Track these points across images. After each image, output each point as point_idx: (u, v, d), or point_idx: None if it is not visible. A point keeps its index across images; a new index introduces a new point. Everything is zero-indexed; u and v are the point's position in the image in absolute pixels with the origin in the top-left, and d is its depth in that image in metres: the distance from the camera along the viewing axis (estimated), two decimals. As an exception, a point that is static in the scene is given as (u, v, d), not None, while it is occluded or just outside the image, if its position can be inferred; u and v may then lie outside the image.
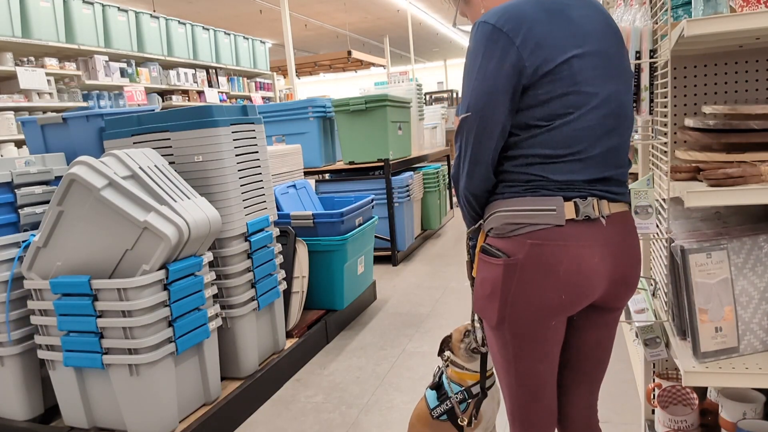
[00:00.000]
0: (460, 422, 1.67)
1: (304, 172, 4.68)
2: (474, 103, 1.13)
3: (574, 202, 1.12)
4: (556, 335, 1.19)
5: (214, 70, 7.94)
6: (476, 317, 1.66)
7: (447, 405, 1.70)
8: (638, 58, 1.53)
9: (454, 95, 12.96)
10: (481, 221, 1.24)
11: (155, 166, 2.14)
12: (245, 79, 8.77)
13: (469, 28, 1.22)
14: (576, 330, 1.28)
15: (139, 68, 6.60)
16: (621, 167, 1.19)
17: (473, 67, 1.13)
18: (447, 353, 1.75)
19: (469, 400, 1.66)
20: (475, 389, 1.66)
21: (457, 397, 1.68)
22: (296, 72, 10.71)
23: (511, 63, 1.08)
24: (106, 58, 6.06)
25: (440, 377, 1.76)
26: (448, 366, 1.74)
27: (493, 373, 1.67)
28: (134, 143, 2.42)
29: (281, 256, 2.80)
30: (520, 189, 1.15)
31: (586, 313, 1.26)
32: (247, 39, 8.66)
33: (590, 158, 1.13)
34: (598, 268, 1.14)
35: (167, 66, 7.20)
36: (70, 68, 5.71)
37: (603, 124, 1.13)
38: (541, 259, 1.12)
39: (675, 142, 1.73)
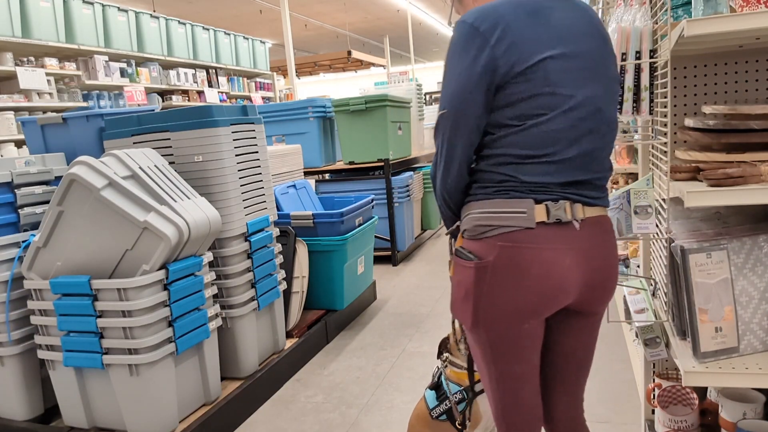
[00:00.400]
0: (458, 425, 1.67)
1: (304, 172, 4.68)
2: (449, 101, 1.15)
3: (545, 205, 1.12)
4: (533, 338, 1.19)
5: (214, 70, 7.94)
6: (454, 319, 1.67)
7: (446, 405, 1.70)
8: (638, 58, 1.53)
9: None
10: (458, 222, 1.25)
11: (155, 166, 2.14)
12: (245, 79, 8.78)
13: None
14: (555, 333, 1.29)
15: (139, 68, 6.60)
16: (599, 171, 1.18)
17: (451, 65, 1.15)
18: (445, 354, 1.75)
19: (468, 400, 1.66)
20: (474, 388, 1.66)
21: (455, 397, 1.68)
22: (296, 72, 10.71)
23: (485, 62, 1.09)
24: (106, 58, 6.07)
25: (439, 377, 1.76)
26: (446, 366, 1.74)
27: None
28: (134, 143, 2.42)
29: (281, 256, 2.80)
30: (492, 190, 1.15)
31: (564, 317, 1.26)
32: (247, 39, 8.66)
33: (565, 161, 1.12)
34: (570, 272, 1.14)
35: (167, 66, 7.20)
36: (70, 68, 5.72)
37: (579, 127, 1.12)
38: (512, 262, 1.12)
39: (675, 142, 1.73)
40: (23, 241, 2.18)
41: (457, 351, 1.71)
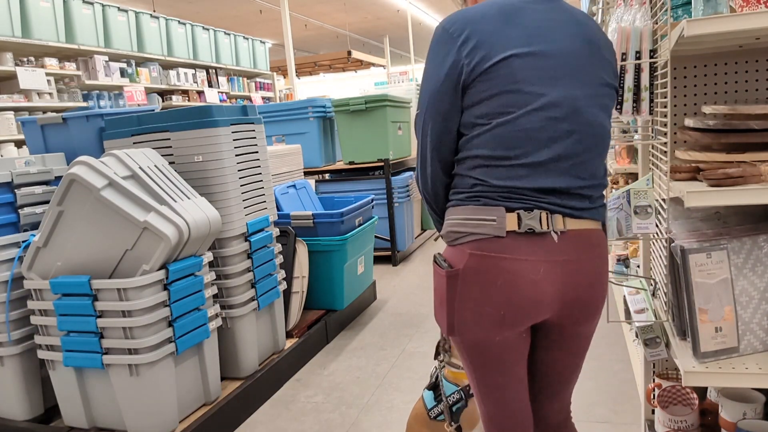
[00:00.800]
0: (446, 427, 1.67)
1: (304, 172, 4.68)
2: (422, 102, 1.18)
3: (517, 214, 1.08)
4: (510, 350, 1.15)
5: (214, 70, 7.94)
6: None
7: (444, 405, 1.70)
8: (638, 58, 1.53)
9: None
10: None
11: (155, 166, 2.14)
12: (245, 79, 8.78)
13: None
14: (539, 348, 1.25)
15: (139, 68, 6.60)
16: (585, 179, 1.13)
17: (426, 67, 1.18)
18: (443, 355, 1.75)
19: (466, 399, 1.66)
20: (469, 390, 1.66)
21: (453, 397, 1.68)
22: (296, 72, 10.71)
23: (451, 62, 1.10)
24: (106, 58, 6.07)
25: (437, 378, 1.76)
26: (444, 366, 1.74)
27: None
28: (134, 143, 2.42)
29: (281, 256, 2.80)
30: (464, 196, 1.14)
31: (547, 332, 1.22)
32: (247, 39, 8.66)
33: (537, 164, 1.08)
34: (543, 286, 1.09)
35: (167, 66, 7.20)
36: (70, 68, 5.71)
37: (550, 128, 1.08)
38: (479, 271, 1.09)
39: (675, 142, 1.73)
40: (23, 241, 2.18)
41: (455, 350, 1.71)
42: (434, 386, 1.76)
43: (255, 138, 2.59)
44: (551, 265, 1.09)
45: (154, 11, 7.88)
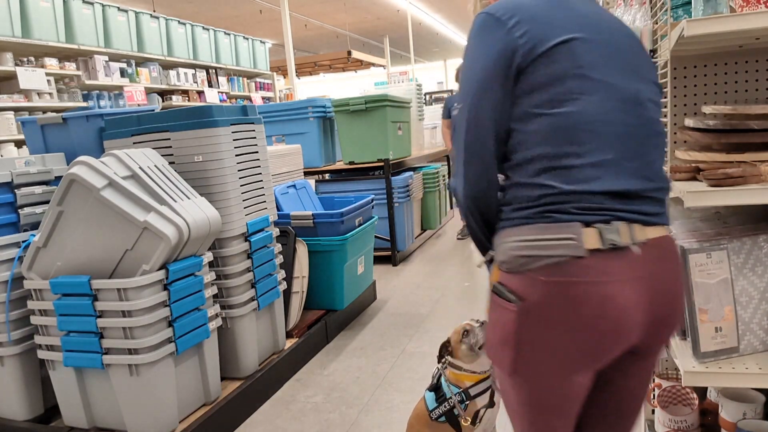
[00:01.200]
0: (463, 422, 1.67)
1: (304, 172, 4.68)
2: (465, 93, 1.04)
3: (597, 228, 0.94)
4: (579, 391, 1.01)
5: (214, 70, 7.94)
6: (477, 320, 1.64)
7: (445, 407, 1.70)
8: (638, 58, 1.53)
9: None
10: (491, 252, 1.09)
11: (155, 166, 2.14)
12: (245, 79, 8.77)
13: None
14: (610, 384, 1.10)
15: (139, 68, 6.60)
16: (654, 180, 1.01)
17: (467, 57, 1.06)
18: (446, 356, 1.75)
19: (467, 402, 1.66)
20: (473, 390, 1.66)
21: (457, 398, 1.68)
22: (296, 72, 10.71)
23: (503, 45, 0.99)
24: (106, 58, 6.06)
25: (438, 379, 1.76)
26: (446, 368, 1.74)
27: (490, 375, 1.67)
28: (134, 143, 2.42)
29: (281, 256, 2.80)
30: (530, 212, 0.98)
31: (621, 365, 1.08)
32: (247, 39, 8.65)
33: (607, 163, 0.96)
34: (631, 309, 0.95)
35: (167, 66, 7.20)
36: (70, 68, 5.71)
37: (618, 121, 0.98)
38: (559, 301, 0.94)
39: (675, 142, 1.73)
40: (23, 241, 2.18)
41: (459, 351, 1.71)
42: (436, 387, 1.76)
43: (255, 138, 2.59)
44: (637, 282, 0.96)
45: (154, 11, 7.88)
